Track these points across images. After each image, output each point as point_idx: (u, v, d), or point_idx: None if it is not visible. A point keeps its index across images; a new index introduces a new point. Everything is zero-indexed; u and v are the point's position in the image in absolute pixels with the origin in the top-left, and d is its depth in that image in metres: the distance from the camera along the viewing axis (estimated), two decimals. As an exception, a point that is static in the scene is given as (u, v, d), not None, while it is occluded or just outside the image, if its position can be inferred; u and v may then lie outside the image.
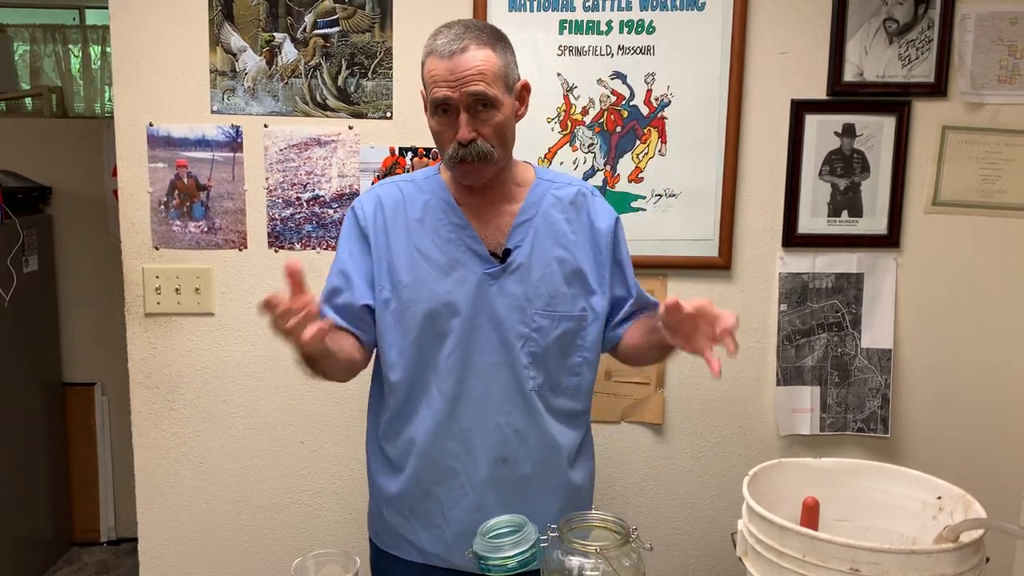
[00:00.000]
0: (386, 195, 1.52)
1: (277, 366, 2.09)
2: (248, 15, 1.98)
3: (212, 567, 2.16)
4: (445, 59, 1.35)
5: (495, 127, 1.39)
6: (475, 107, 1.37)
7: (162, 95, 1.99)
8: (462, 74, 1.34)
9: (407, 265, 1.47)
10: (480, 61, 1.35)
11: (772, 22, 1.99)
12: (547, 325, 1.47)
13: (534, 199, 1.50)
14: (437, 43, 1.37)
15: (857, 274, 2.07)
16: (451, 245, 1.47)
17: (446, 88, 1.36)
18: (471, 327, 1.45)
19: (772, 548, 1.10)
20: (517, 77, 1.44)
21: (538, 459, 1.50)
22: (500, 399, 1.47)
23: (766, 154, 2.04)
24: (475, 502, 1.48)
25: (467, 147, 1.38)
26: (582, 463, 1.58)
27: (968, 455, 2.14)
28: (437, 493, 1.50)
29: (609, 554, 1.17)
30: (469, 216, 1.48)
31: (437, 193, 1.50)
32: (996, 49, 2.00)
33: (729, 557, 1.23)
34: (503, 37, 1.42)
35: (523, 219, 1.49)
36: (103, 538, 3.46)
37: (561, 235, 1.49)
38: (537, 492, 1.50)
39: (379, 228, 1.49)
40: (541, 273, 1.47)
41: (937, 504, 1.24)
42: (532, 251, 1.47)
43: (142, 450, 2.11)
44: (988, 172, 2.04)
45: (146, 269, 2.04)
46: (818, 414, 2.11)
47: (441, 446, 1.48)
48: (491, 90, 1.36)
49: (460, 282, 1.46)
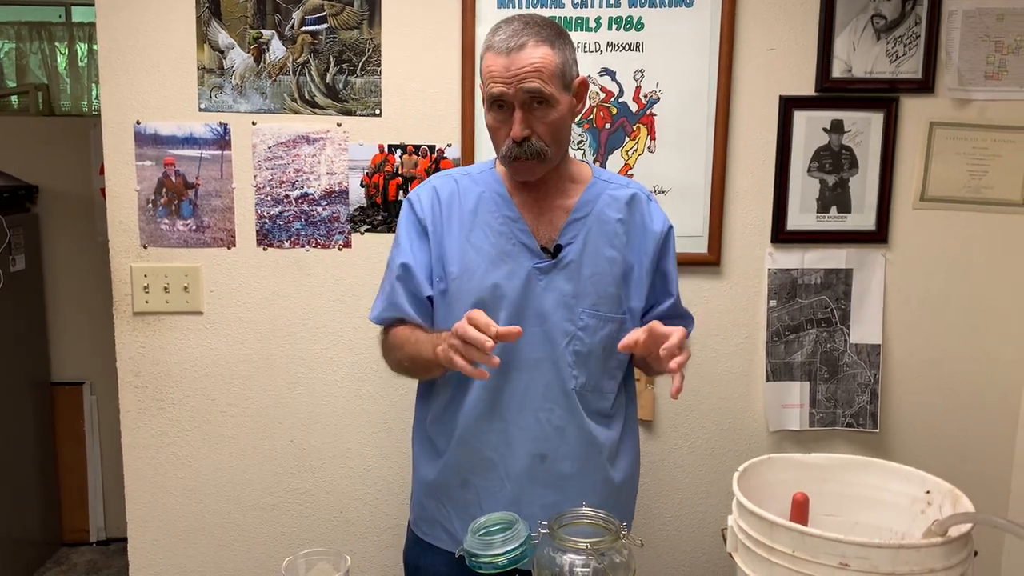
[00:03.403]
0: (442, 186, 1.53)
1: (266, 365, 2.08)
2: (236, 12, 1.96)
3: (202, 567, 2.15)
4: (503, 55, 1.35)
5: (550, 125, 1.39)
6: (530, 104, 1.37)
7: (149, 93, 1.98)
8: (518, 71, 1.34)
9: (458, 255, 1.47)
10: (538, 58, 1.35)
11: (760, 18, 1.99)
12: (593, 324, 1.47)
13: (589, 197, 1.50)
14: (496, 39, 1.37)
15: (846, 270, 2.08)
16: (502, 238, 1.47)
17: (502, 84, 1.35)
18: (518, 320, 1.44)
19: (762, 544, 1.10)
20: (576, 74, 1.44)
21: (578, 457, 1.49)
22: (542, 395, 1.47)
23: (755, 150, 2.04)
24: (513, 495, 1.48)
25: (521, 145, 1.38)
26: (623, 461, 1.57)
27: (956, 450, 2.15)
28: (475, 483, 1.50)
29: (600, 551, 1.17)
30: (522, 210, 1.48)
31: (491, 186, 1.50)
32: (983, 45, 2.01)
33: (719, 553, 1.24)
34: (563, 34, 1.42)
35: (577, 216, 1.48)
36: (92, 538, 3.44)
37: (614, 235, 1.49)
38: (576, 490, 1.49)
39: (436, 219, 1.50)
40: (591, 272, 1.47)
41: (926, 499, 1.25)
42: (584, 249, 1.47)
43: (131, 450, 2.10)
44: (975, 168, 2.05)
45: (134, 268, 2.03)
46: (807, 410, 2.11)
47: (481, 437, 1.48)
48: (547, 88, 1.35)
49: (509, 275, 1.45)
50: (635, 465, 1.63)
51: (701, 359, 2.12)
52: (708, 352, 2.12)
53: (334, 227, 2.04)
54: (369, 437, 2.11)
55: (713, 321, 2.10)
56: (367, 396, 2.10)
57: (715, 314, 2.10)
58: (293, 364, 2.08)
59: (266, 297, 2.06)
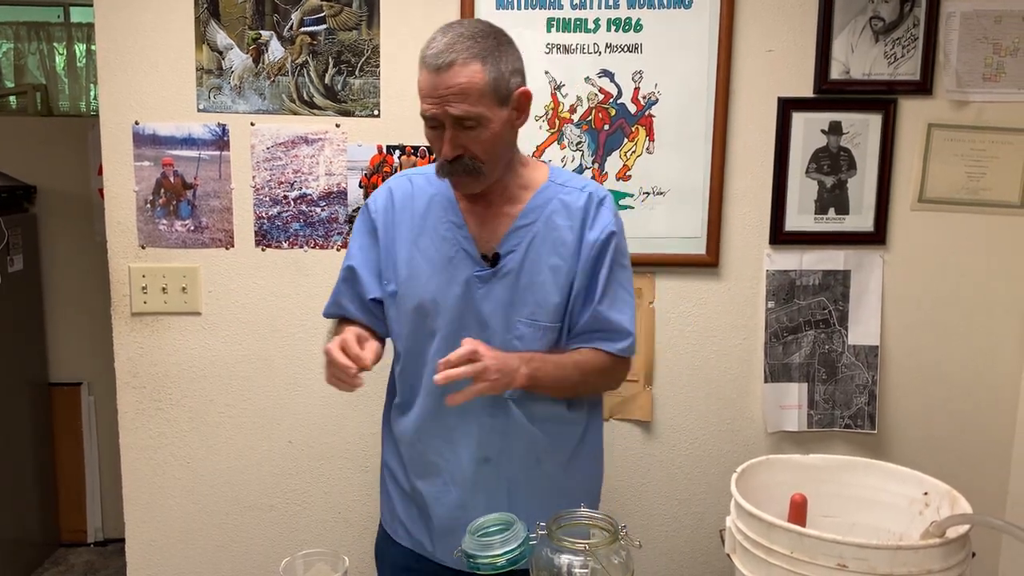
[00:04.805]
0: (397, 187, 1.53)
1: (265, 365, 2.08)
2: (234, 13, 1.96)
3: (200, 567, 2.15)
4: (431, 73, 1.32)
5: (482, 144, 1.35)
6: (460, 124, 1.33)
7: (148, 93, 1.98)
8: (444, 93, 1.31)
9: (406, 259, 1.48)
10: (464, 79, 1.30)
11: (759, 20, 2.00)
12: (530, 333, 1.45)
13: (538, 203, 1.47)
14: (428, 52, 1.34)
15: (844, 271, 2.08)
16: (446, 243, 1.46)
17: (431, 104, 1.33)
18: (457, 327, 1.44)
19: (760, 544, 1.11)
20: (517, 85, 1.38)
21: (523, 461, 1.48)
22: (483, 401, 1.43)
23: (753, 152, 2.04)
24: (459, 500, 1.48)
25: (453, 163, 1.37)
26: (579, 464, 1.55)
27: (954, 451, 2.15)
28: (422, 488, 1.50)
29: (598, 551, 1.17)
30: (467, 216, 1.47)
31: (442, 189, 1.49)
32: (981, 47, 2.01)
33: (717, 554, 1.24)
34: (502, 44, 1.36)
35: (521, 224, 1.46)
36: (90, 539, 3.43)
37: (560, 243, 1.45)
38: (523, 494, 1.48)
39: (388, 222, 1.50)
40: (530, 280, 1.44)
41: (923, 500, 1.25)
42: (525, 257, 1.45)
43: (129, 450, 2.10)
44: (973, 169, 2.05)
45: (132, 268, 2.03)
46: (805, 411, 2.12)
47: (426, 441, 1.49)
48: (474, 109, 1.32)
49: (450, 281, 1.45)
50: (593, 467, 1.60)
51: (699, 360, 2.12)
52: (706, 353, 2.12)
53: (332, 228, 2.04)
54: (367, 438, 2.11)
55: (711, 322, 2.10)
56: (365, 397, 2.09)
57: (713, 315, 2.10)
58: (291, 365, 2.08)
59: (264, 298, 2.06)
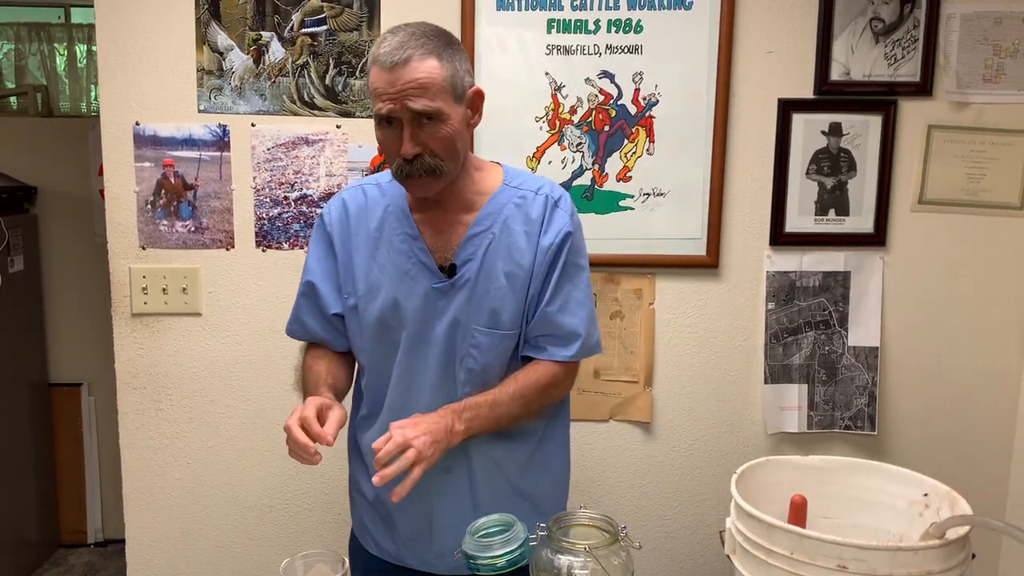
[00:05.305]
0: (351, 199, 1.50)
1: (265, 366, 2.08)
2: (235, 14, 1.97)
3: (200, 568, 2.15)
4: (386, 70, 1.29)
5: (442, 140, 1.33)
6: (419, 120, 1.31)
7: (148, 94, 1.98)
8: (404, 87, 1.28)
9: (364, 273, 1.46)
10: (423, 73, 1.29)
11: (759, 21, 2.00)
12: (487, 342, 1.43)
13: (493, 208, 1.43)
14: (380, 52, 1.30)
15: (844, 272, 2.08)
16: (403, 256, 1.44)
17: (388, 101, 1.30)
18: (418, 340, 1.43)
19: (760, 546, 1.11)
20: (469, 84, 1.37)
21: (482, 470, 1.47)
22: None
23: (753, 153, 2.04)
24: (423, 510, 1.47)
25: (412, 162, 1.33)
26: (537, 473, 1.53)
27: (954, 452, 2.15)
28: (384, 499, 1.48)
29: (598, 552, 1.17)
30: (423, 227, 1.44)
31: (396, 200, 1.46)
32: (981, 48, 2.01)
33: (717, 555, 1.24)
34: (452, 43, 1.35)
35: (477, 231, 1.43)
36: (90, 540, 3.43)
37: (516, 249, 1.42)
38: (486, 502, 1.47)
39: (344, 235, 1.48)
40: (487, 288, 1.42)
41: (923, 501, 1.25)
42: (481, 266, 1.41)
43: (129, 451, 2.10)
44: (973, 171, 2.05)
45: (133, 269, 2.03)
46: (805, 412, 2.12)
47: None
48: (433, 104, 1.30)
49: (409, 294, 1.43)
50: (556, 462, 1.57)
51: (699, 361, 2.12)
52: (706, 354, 2.12)
53: (333, 229, 2.04)
54: (367, 439, 2.11)
55: (711, 323, 2.10)
56: (365, 398, 2.10)
57: (713, 316, 2.10)
58: (291, 365, 2.08)
59: (265, 298, 2.06)
